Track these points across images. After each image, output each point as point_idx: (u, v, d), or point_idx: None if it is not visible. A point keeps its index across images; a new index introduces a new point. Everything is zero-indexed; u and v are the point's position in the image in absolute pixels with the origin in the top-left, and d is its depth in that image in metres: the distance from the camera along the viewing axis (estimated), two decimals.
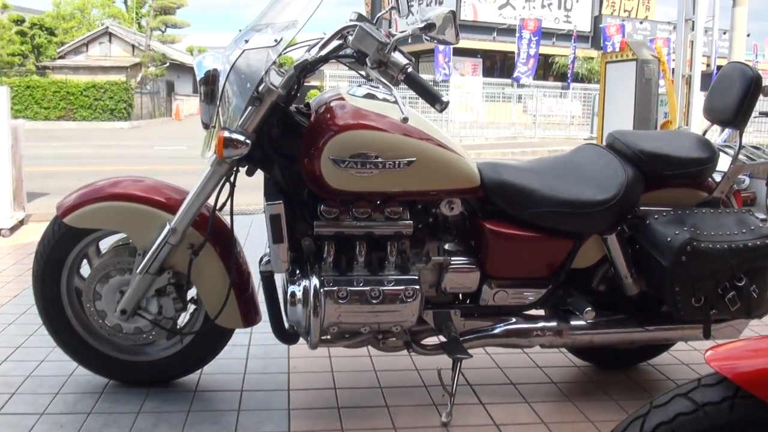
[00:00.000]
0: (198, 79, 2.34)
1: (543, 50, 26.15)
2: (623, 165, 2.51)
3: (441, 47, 21.63)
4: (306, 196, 2.37)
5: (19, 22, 37.74)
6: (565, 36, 29.28)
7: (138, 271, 2.48)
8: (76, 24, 43.27)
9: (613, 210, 2.45)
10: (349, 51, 2.27)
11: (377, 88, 2.39)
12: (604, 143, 2.72)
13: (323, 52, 2.28)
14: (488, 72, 30.71)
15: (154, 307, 2.56)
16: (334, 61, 2.37)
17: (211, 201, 2.47)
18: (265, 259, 2.47)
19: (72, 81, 27.87)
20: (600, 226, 2.51)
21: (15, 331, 3.37)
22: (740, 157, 2.64)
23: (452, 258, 2.45)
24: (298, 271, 2.36)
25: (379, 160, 2.24)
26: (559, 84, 25.01)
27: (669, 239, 2.38)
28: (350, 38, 2.18)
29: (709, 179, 2.65)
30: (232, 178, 2.41)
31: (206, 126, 2.38)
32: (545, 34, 26.51)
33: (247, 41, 2.28)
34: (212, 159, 2.38)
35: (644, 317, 2.63)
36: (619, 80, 9.56)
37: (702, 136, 2.76)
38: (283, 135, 2.36)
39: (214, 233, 2.50)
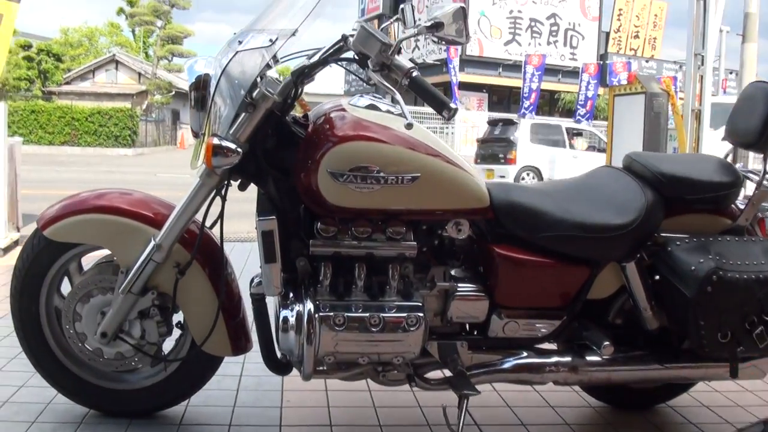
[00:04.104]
0: (188, 84, 2.21)
1: (549, 86, 26.18)
2: (642, 188, 2.37)
3: (455, 79, 21.73)
4: (302, 212, 2.21)
5: (27, 47, 38.15)
6: (571, 73, 29.37)
7: (120, 290, 2.31)
8: (83, 51, 43.78)
9: (632, 235, 2.30)
10: (350, 54, 2.13)
11: (380, 98, 2.26)
12: (621, 165, 2.57)
13: (322, 56, 2.14)
14: (494, 107, 30.83)
15: (137, 330, 2.39)
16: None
17: (200, 217, 2.32)
18: (256, 280, 2.30)
19: (77, 106, 28.08)
20: (618, 253, 2.35)
21: None
22: (765, 182, 2.48)
23: (459, 284, 2.29)
24: (291, 295, 2.19)
25: (381, 174, 2.09)
26: (567, 120, 25.01)
27: (693, 268, 2.23)
28: (351, 40, 2.04)
29: (733, 206, 2.50)
30: (223, 192, 2.25)
31: (196, 134, 2.24)
32: (551, 71, 26.60)
33: (241, 43, 2.14)
34: (201, 170, 2.23)
35: (664, 354, 2.46)
36: (627, 113, 9.47)
37: (724, 159, 2.61)
38: (278, 146, 2.21)
39: (202, 251, 2.34)
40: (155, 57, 40.16)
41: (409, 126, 1.99)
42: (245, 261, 5.16)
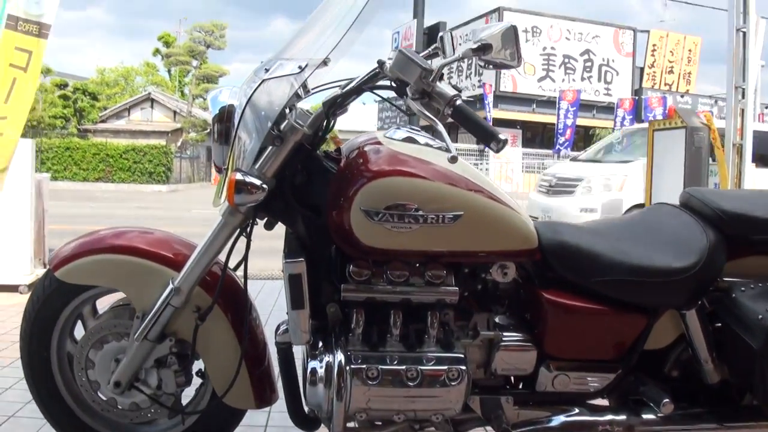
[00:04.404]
0: (212, 116, 2.07)
1: (583, 122, 25.91)
2: (703, 227, 2.17)
3: (489, 116, 21.59)
4: (333, 254, 2.04)
5: (63, 86, 38.96)
6: (606, 108, 29.16)
7: (135, 336, 2.15)
8: (119, 90, 44.62)
9: (694, 280, 2.10)
10: (387, 82, 1.98)
11: (418, 130, 2.09)
12: (678, 202, 2.38)
13: (357, 84, 1.99)
14: (528, 143, 30.66)
15: (154, 379, 2.22)
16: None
17: (223, 258, 2.16)
18: (283, 327, 2.13)
19: (112, 143, 28.54)
20: (679, 299, 2.15)
21: (11, 397, 3.10)
22: None
23: (504, 333, 2.10)
24: (320, 344, 2.02)
25: (420, 213, 1.91)
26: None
27: (760, 317, 2.05)
28: (388, 65, 1.88)
29: None
30: (247, 231, 2.09)
31: (220, 169, 2.10)
32: (586, 107, 26.39)
33: (267, 71, 1.99)
34: (224, 208, 2.07)
35: (724, 411, 2.25)
36: (667, 148, 9.18)
37: None
38: (308, 182, 2.05)
39: (225, 295, 2.17)
40: (190, 95, 40.74)
41: (453, 159, 1.81)
42: (274, 301, 5.00)
